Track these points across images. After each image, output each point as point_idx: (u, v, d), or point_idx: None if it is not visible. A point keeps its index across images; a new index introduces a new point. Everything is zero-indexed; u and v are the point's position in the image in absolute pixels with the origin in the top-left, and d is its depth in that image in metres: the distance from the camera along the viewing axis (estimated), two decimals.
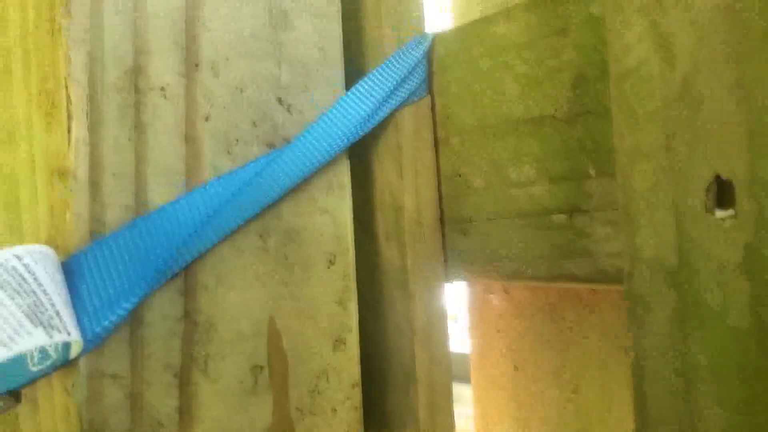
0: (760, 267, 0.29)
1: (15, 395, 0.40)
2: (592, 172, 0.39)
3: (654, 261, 0.33)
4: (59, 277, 0.32)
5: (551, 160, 0.41)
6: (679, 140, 0.31)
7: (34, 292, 0.29)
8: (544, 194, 0.41)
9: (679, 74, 0.31)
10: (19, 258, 0.30)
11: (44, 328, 0.29)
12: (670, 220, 0.32)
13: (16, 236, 0.40)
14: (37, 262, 0.30)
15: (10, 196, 0.41)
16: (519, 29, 0.42)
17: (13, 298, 0.28)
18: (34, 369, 0.36)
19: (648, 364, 0.33)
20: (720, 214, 0.30)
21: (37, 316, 0.29)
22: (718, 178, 0.30)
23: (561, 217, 0.40)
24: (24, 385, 0.39)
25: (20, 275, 0.29)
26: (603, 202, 0.38)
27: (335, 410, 0.43)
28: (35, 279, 0.30)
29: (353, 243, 0.45)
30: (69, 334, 0.30)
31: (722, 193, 0.31)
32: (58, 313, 0.30)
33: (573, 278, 0.40)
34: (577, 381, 0.50)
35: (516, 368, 0.53)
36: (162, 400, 0.37)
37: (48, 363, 0.35)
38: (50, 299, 0.30)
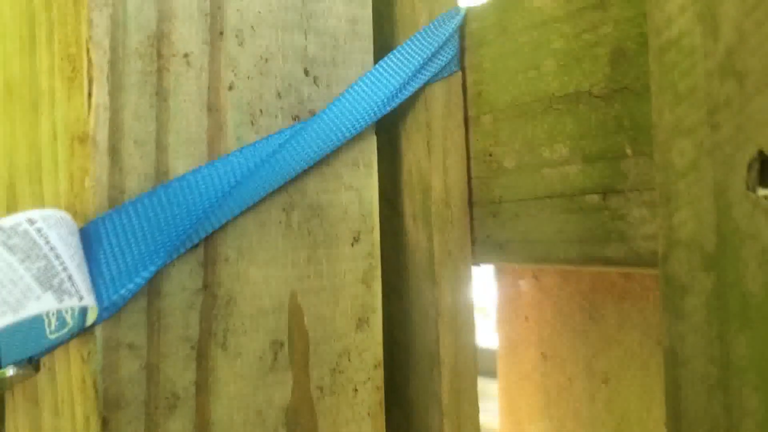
0: None
1: (34, 364, 0.40)
2: (628, 151, 0.37)
3: (691, 243, 0.31)
4: (74, 242, 0.31)
5: (586, 139, 0.39)
6: (722, 115, 0.29)
7: (45, 256, 0.29)
8: (577, 174, 0.40)
9: (723, 46, 0.30)
10: (31, 222, 0.29)
11: (54, 292, 0.28)
12: (709, 200, 0.30)
13: (38, 205, 0.39)
14: (50, 226, 0.30)
15: (33, 165, 0.40)
16: (556, 3, 0.41)
17: (23, 262, 0.28)
18: (52, 336, 0.35)
19: (682, 352, 0.31)
20: (763, 192, 0.28)
21: (47, 280, 0.28)
22: (761, 155, 0.28)
23: (595, 198, 0.39)
24: (43, 353, 0.39)
25: (32, 239, 0.29)
26: (639, 183, 0.37)
27: (356, 390, 0.42)
28: (47, 243, 0.29)
29: (378, 222, 0.44)
30: (81, 298, 0.30)
31: (765, 171, 0.29)
32: (70, 278, 0.29)
33: (607, 261, 0.38)
34: (607, 371, 0.49)
35: (545, 357, 0.52)
36: (179, 373, 0.36)
37: (65, 330, 0.35)
38: (63, 263, 0.29)
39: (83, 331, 0.34)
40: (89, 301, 0.30)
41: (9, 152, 0.44)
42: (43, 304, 0.28)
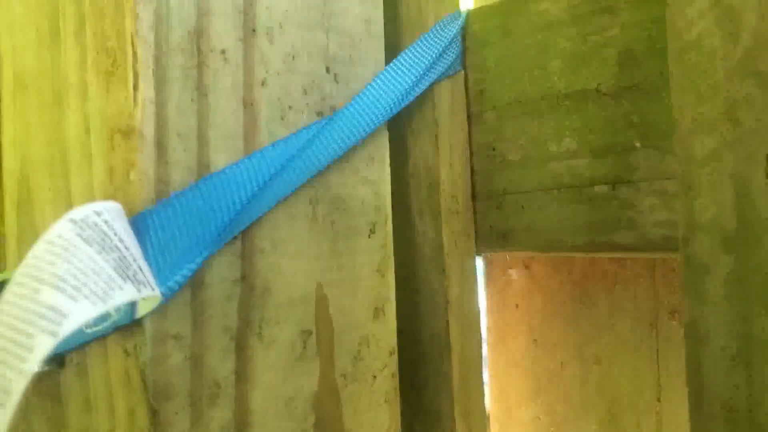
0: None
1: (58, 360, 0.40)
2: (638, 144, 0.40)
3: (712, 227, 0.34)
4: (132, 233, 0.32)
5: (594, 134, 0.42)
6: (742, 112, 0.33)
7: (117, 248, 0.29)
8: (586, 166, 0.42)
9: (742, 49, 0.33)
10: (98, 214, 0.30)
11: (132, 282, 0.29)
12: (729, 188, 0.33)
13: (64, 200, 0.39)
14: (115, 218, 0.30)
15: (55, 159, 0.40)
16: (562, 7, 0.43)
17: (100, 253, 0.28)
18: (89, 331, 0.35)
19: (704, 329, 0.34)
20: None
21: (124, 270, 0.29)
22: None
23: (604, 188, 0.41)
24: (73, 350, 0.38)
25: (102, 231, 0.29)
26: (649, 173, 0.40)
27: (375, 377, 0.44)
28: (116, 234, 0.29)
29: (391, 214, 0.45)
30: (153, 288, 0.30)
31: None
32: (141, 268, 0.30)
33: (616, 247, 0.41)
34: (599, 356, 0.52)
35: (535, 343, 0.55)
36: (220, 363, 0.37)
37: (107, 323, 0.35)
38: (132, 254, 0.30)
39: (130, 323, 0.34)
40: (158, 291, 0.31)
41: (21, 146, 0.43)
42: (126, 294, 0.28)
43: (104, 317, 0.34)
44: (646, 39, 0.40)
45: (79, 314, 0.26)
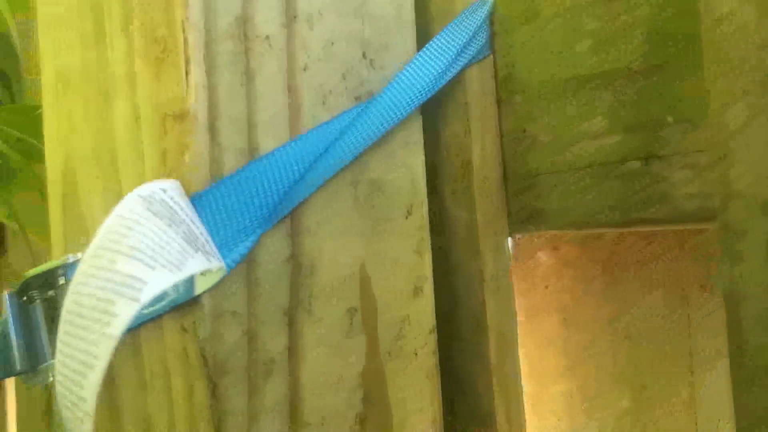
0: None
1: None
2: (669, 119, 0.41)
3: (748, 193, 0.35)
4: (194, 209, 0.33)
5: (626, 111, 0.43)
6: None
7: (184, 222, 0.30)
8: (617, 143, 0.43)
9: None
10: (163, 190, 0.31)
11: (202, 253, 0.30)
12: (764, 154, 0.34)
13: (114, 188, 0.40)
14: (180, 195, 0.31)
15: (103, 150, 0.41)
16: None
17: (170, 226, 0.29)
18: (145, 311, 0.37)
19: (742, 292, 0.35)
20: None
21: (193, 242, 0.30)
22: None
23: (636, 164, 0.43)
24: (127, 331, 0.39)
25: (169, 206, 0.30)
26: (681, 147, 0.41)
27: (416, 354, 0.45)
28: (182, 209, 0.31)
29: (426, 196, 0.46)
30: (220, 260, 0.31)
31: None
32: (207, 241, 0.31)
33: (649, 222, 0.42)
34: (630, 332, 0.53)
35: (566, 321, 0.56)
36: (274, 339, 0.38)
37: (163, 303, 0.36)
38: (198, 228, 0.31)
39: (188, 299, 0.35)
40: (223, 263, 0.32)
41: (65, 141, 0.44)
42: (198, 263, 0.29)
43: (161, 297, 0.35)
44: (675, 15, 0.41)
45: (158, 281, 0.27)
